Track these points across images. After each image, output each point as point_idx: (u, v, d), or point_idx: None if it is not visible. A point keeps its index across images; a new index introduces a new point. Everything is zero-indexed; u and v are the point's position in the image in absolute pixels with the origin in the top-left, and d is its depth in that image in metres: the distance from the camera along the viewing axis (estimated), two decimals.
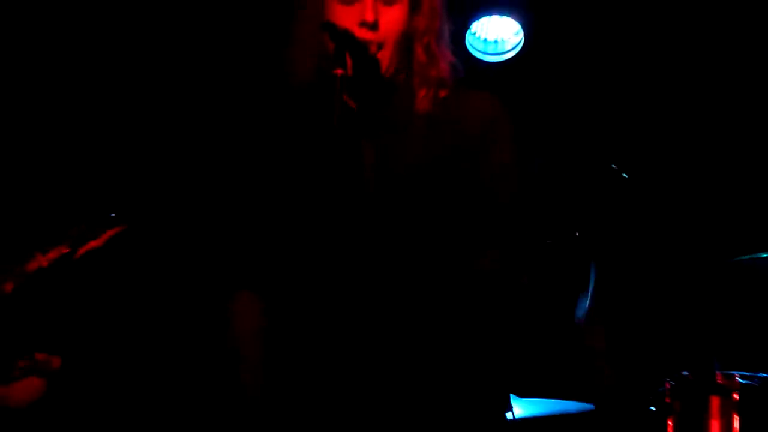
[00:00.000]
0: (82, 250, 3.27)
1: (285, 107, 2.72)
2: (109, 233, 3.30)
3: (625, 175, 4.53)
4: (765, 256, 4.21)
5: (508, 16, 4.76)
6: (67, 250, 3.27)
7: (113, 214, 3.32)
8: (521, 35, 4.81)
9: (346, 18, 2.59)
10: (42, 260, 3.24)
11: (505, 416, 2.88)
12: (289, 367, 2.68)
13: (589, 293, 4.78)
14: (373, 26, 2.57)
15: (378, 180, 2.65)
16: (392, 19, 2.61)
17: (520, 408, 4.24)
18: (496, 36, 4.85)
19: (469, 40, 4.76)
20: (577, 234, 4.68)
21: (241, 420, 2.72)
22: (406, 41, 2.65)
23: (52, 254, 3.25)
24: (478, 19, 4.76)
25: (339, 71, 2.47)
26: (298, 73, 2.68)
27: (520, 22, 4.77)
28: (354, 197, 2.64)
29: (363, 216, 2.63)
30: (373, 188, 2.64)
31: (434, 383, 2.62)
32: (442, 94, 2.71)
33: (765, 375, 3.80)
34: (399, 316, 2.59)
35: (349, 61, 2.50)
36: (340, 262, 2.57)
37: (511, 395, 4.21)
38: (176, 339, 4.60)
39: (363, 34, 2.56)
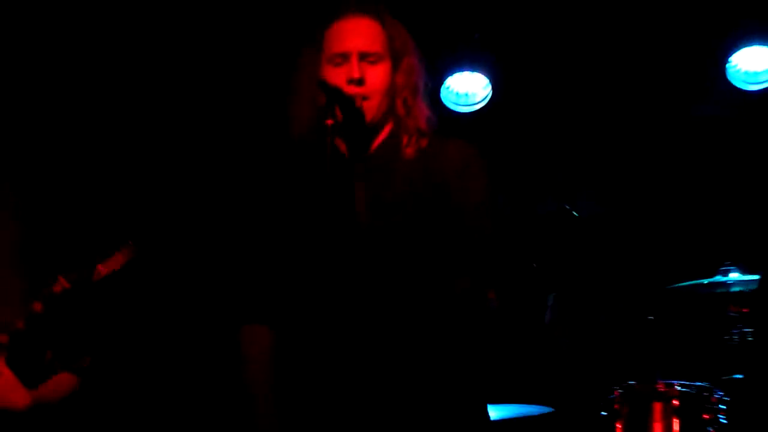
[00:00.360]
0: (101, 274, 3.36)
1: (287, 153, 2.82)
2: (125, 258, 3.39)
3: (575, 213, 4.69)
4: (702, 282, 4.38)
5: (477, 72, 4.98)
6: (87, 274, 3.36)
7: (129, 241, 3.41)
8: (489, 89, 5.02)
9: (336, 77, 2.69)
10: (65, 282, 3.35)
11: (488, 417, 2.95)
12: (295, 383, 2.73)
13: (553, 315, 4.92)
14: (359, 82, 2.68)
15: (368, 215, 2.72)
16: (376, 77, 2.72)
17: (491, 411, 4.09)
18: (467, 89, 5.06)
19: (443, 93, 5.00)
20: (534, 265, 4.81)
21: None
22: (390, 95, 2.75)
23: (73, 276, 3.36)
24: (451, 75, 4.99)
25: (330, 121, 2.59)
26: (298, 125, 2.78)
27: (488, 77, 4.99)
28: (347, 229, 2.69)
29: (356, 246, 2.68)
30: (364, 222, 2.71)
31: (421, 390, 2.65)
32: (423, 143, 2.77)
33: (701, 384, 4.05)
34: (388, 331, 2.63)
35: (338, 113, 2.62)
36: (335, 287, 2.61)
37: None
38: (190, 362, 4.73)
39: (351, 89, 2.66)
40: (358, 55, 2.70)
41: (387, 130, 2.78)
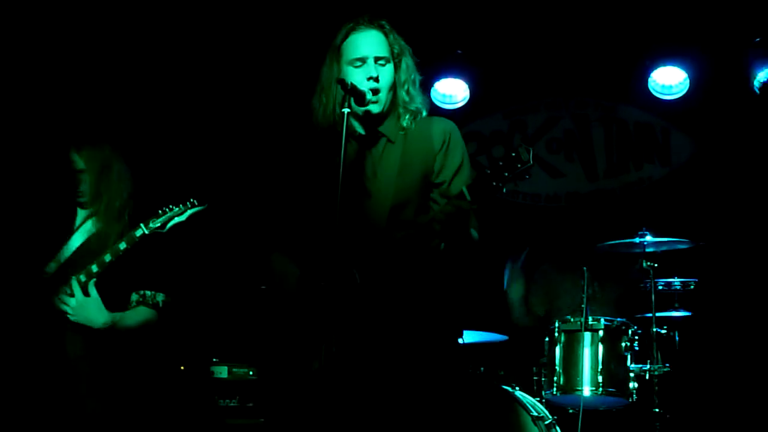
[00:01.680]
0: (171, 223, 3.58)
1: (312, 137, 3.08)
2: (191, 212, 3.59)
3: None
4: (624, 242, 4.69)
5: (458, 78, 5.66)
6: (163, 223, 3.57)
7: (193, 200, 3.59)
8: (468, 91, 5.73)
9: (356, 76, 2.96)
10: (145, 229, 3.57)
11: (458, 341, 3.18)
12: (308, 289, 2.95)
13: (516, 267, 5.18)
14: (376, 79, 2.98)
15: (374, 176, 3.00)
16: (386, 75, 3.02)
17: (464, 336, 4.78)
18: (451, 92, 5.67)
19: (432, 94, 5.65)
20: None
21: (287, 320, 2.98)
22: (394, 88, 3.05)
23: (152, 224, 3.56)
24: (438, 80, 5.70)
25: (347, 108, 2.86)
26: (323, 114, 3.07)
27: (467, 83, 5.61)
28: (357, 188, 2.96)
29: (363, 199, 2.95)
30: (371, 182, 2.98)
31: (414, 317, 2.89)
32: (416, 117, 3.04)
33: (620, 319, 4.61)
34: (383, 265, 2.87)
35: (351, 103, 2.89)
36: (344, 234, 2.79)
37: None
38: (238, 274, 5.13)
39: (369, 85, 2.94)
40: (373, 59, 3.01)
41: (393, 113, 3.07)
